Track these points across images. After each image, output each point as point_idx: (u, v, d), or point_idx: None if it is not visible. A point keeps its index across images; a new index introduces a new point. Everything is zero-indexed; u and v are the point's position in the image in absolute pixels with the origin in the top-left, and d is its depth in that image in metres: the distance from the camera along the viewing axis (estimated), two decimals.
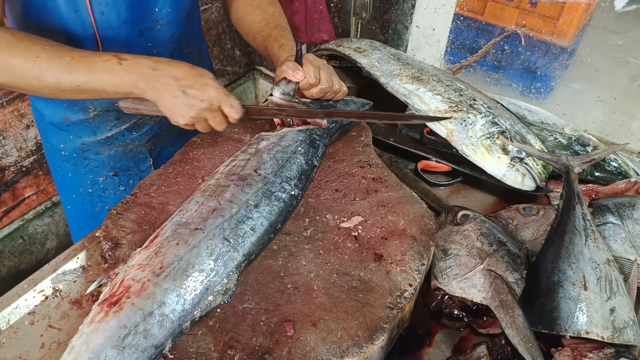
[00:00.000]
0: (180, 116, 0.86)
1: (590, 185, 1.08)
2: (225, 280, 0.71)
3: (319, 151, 0.95)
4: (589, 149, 1.15)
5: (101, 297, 0.68)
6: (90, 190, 1.26)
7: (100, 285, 0.81)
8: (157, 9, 1.04)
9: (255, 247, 0.77)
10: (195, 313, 0.68)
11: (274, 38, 1.08)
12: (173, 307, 0.66)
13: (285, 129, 0.97)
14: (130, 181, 1.28)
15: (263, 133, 0.98)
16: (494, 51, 1.43)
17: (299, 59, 0.99)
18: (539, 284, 0.81)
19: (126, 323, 0.63)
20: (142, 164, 1.28)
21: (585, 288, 0.77)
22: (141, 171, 1.28)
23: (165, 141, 1.28)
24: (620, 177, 1.10)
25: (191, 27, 1.18)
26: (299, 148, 0.91)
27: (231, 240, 0.74)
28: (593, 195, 1.06)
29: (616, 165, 1.11)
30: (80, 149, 1.20)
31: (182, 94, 0.84)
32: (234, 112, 0.87)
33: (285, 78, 0.97)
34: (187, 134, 1.16)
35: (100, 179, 1.25)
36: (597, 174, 1.12)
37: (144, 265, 0.69)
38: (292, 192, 0.85)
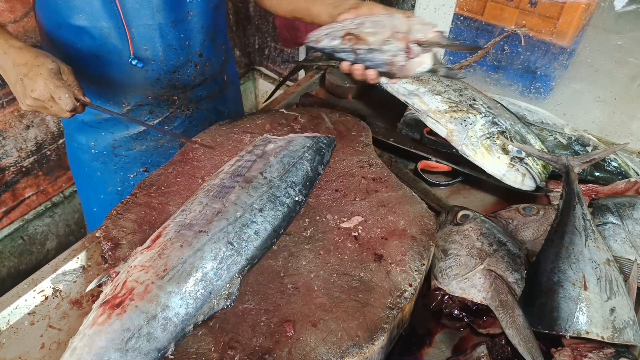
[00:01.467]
0: (20, 102, 0.89)
1: (590, 185, 1.08)
2: (229, 285, 0.71)
3: (325, 159, 0.95)
4: (589, 148, 1.15)
5: (102, 297, 0.68)
6: (119, 189, 1.27)
7: (100, 285, 0.81)
8: (187, 0, 1.07)
9: (258, 252, 0.77)
10: (198, 317, 0.68)
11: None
12: (177, 310, 0.66)
13: (292, 135, 0.97)
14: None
15: (269, 135, 0.98)
16: (493, 51, 1.43)
17: None
18: (539, 284, 0.81)
19: (130, 326, 0.63)
20: None
21: (586, 288, 0.77)
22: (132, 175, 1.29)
23: (194, 133, 1.28)
24: (620, 177, 1.10)
25: (219, 21, 1.21)
26: (306, 154, 0.91)
27: (235, 244, 0.74)
28: (593, 195, 1.07)
29: (616, 165, 1.11)
30: (111, 145, 1.22)
31: (20, 82, 0.86)
32: (63, 104, 0.85)
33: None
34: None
35: (131, 176, 1.27)
36: (597, 174, 1.12)
37: (147, 266, 0.69)
38: (297, 198, 0.85)
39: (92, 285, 0.73)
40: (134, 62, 1.07)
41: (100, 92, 1.14)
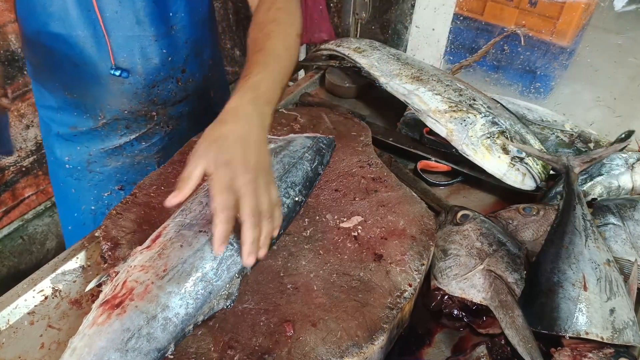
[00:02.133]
0: None
1: None
2: (229, 285, 0.71)
3: (325, 159, 0.95)
4: (591, 145, 1.15)
5: (102, 297, 0.68)
6: (93, 207, 1.22)
7: (100, 285, 0.81)
8: (171, 14, 1.02)
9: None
10: (198, 317, 0.68)
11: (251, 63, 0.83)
12: (177, 310, 0.66)
13: (292, 135, 0.97)
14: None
15: (269, 136, 0.98)
16: (493, 51, 1.43)
17: None
18: (538, 284, 0.81)
19: (130, 326, 0.63)
20: None
21: (585, 288, 0.77)
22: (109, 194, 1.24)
23: (174, 150, 1.23)
24: None
25: (206, 34, 1.16)
26: (306, 154, 0.91)
27: (235, 244, 0.73)
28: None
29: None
30: (86, 160, 1.17)
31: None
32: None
33: None
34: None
35: (105, 194, 1.21)
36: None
37: (147, 266, 0.69)
38: (296, 198, 0.85)
39: (91, 285, 0.73)
40: (116, 73, 1.02)
41: (76, 102, 1.10)
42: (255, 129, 0.72)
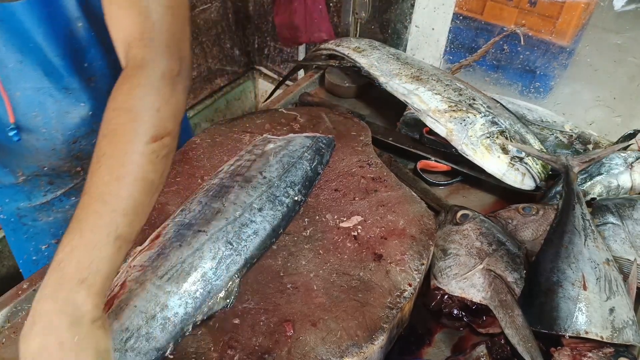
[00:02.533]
0: None
1: None
2: (228, 285, 0.71)
3: (324, 159, 0.95)
4: (590, 146, 1.15)
5: None
6: (34, 258, 1.13)
7: None
8: (86, 64, 0.88)
9: (257, 252, 0.77)
10: (197, 316, 0.68)
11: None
12: (176, 310, 0.66)
13: (292, 134, 0.97)
14: None
15: (269, 135, 0.98)
16: (493, 51, 1.43)
17: None
18: (538, 283, 0.81)
19: (128, 326, 0.63)
20: None
21: (585, 288, 0.77)
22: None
23: None
24: None
25: None
26: (306, 154, 0.91)
27: (234, 243, 0.74)
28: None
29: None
30: (16, 214, 1.07)
31: None
32: None
33: None
34: None
35: (43, 247, 1.11)
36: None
37: (146, 266, 0.69)
38: (296, 198, 0.85)
39: None
40: (10, 134, 0.88)
41: None
42: (53, 340, 0.52)
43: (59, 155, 0.97)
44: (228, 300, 0.71)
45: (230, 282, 0.72)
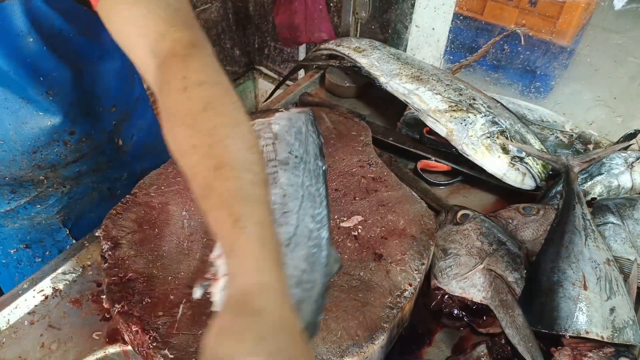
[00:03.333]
0: None
1: None
2: (326, 252, 0.71)
3: (319, 128, 0.95)
4: (590, 146, 1.15)
5: None
6: (4, 261, 1.11)
7: (100, 285, 0.81)
8: (41, 78, 0.86)
9: (327, 222, 0.76)
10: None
11: (219, 199, 0.50)
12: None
13: (281, 113, 0.95)
14: (47, 252, 1.09)
15: (259, 120, 0.95)
16: (493, 50, 1.43)
17: None
18: (538, 283, 0.81)
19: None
20: (57, 235, 1.09)
21: (585, 288, 0.77)
22: (57, 241, 1.10)
23: (82, 208, 1.10)
24: None
25: (96, 84, 0.97)
26: (309, 127, 0.90)
27: (316, 217, 0.74)
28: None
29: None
30: None
31: None
32: None
33: None
34: (109, 197, 1.04)
35: (12, 251, 1.09)
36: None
37: None
38: (323, 168, 0.85)
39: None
40: None
41: None
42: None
43: (20, 165, 0.95)
44: (337, 265, 0.70)
45: (329, 250, 0.71)
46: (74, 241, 1.06)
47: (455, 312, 0.84)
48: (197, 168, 0.52)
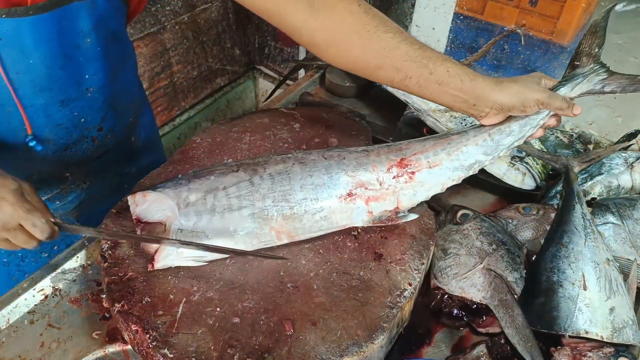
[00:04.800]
0: None
1: None
2: None
3: None
4: (590, 146, 1.15)
5: None
6: (5, 260, 1.10)
7: (100, 284, 0.81)
8: (87, 76, 0.89)
9: None
10: None
11: (439, 57, 0.81)
12: None
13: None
14: (55, 247, 1.09)
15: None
16: (493, 50, 1.43)
17: None
18: (538, 283, 0.81)
19: None
20: None
21: (585, 287, 0.77)
22: (67, 236, 1.04)
23: (94, 202, 1.13)
24: None
25: (125, 79, 1.03)
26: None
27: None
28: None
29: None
30: None
31: None
32: (37, 232, 0.69)
33: None
34: (117, 191, 1.04)
35: (5, 260, 1.08)
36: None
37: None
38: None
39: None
40: (31, 144, 0.90)
41: None
42: None
43: (49, 164, 0.97)
44: None
45: None
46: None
47: (455, 311, 0.84)
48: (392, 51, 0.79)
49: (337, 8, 0.79)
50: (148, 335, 0.68)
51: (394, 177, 0.84)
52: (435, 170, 0.86)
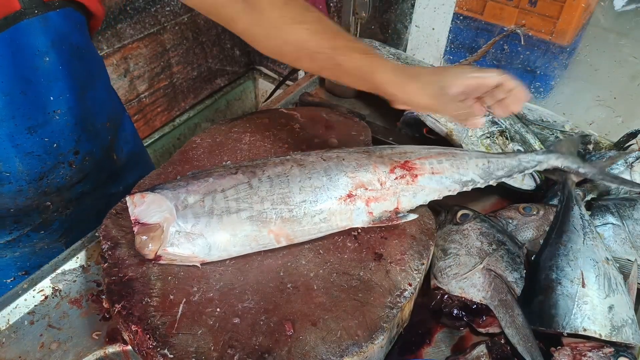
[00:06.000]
0: None
1: None
2: None
3: None
4: (590, 146, 1.15)
5: None
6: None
7: (100, 284, 0.81)
8: (52, 98, 0.83)
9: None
10: None
11: (347, 47, 0.76)
12: None
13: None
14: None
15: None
16: (493, 50, 1.43)
17: None
18: (537, 281, 0.81)
19: None
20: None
21: (584, 285, 0.77)
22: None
23: (81, 227, 1.07)
24: None
25: (94, 100, 0.96)
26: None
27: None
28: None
29: None
30: None
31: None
32: None
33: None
34: (106, 213, 1.00)
35: (8, 280, 1.06)
36: None
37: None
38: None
39: None
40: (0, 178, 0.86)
41: None
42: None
43: (26, 194, 0.92)
44: None
45: None
46: None
47: (455, 312, 0.84)
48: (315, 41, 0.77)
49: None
50: (148, 336, 0.68)
51: (396, 178, 0.84)
52: (437, 178, 0.87)
